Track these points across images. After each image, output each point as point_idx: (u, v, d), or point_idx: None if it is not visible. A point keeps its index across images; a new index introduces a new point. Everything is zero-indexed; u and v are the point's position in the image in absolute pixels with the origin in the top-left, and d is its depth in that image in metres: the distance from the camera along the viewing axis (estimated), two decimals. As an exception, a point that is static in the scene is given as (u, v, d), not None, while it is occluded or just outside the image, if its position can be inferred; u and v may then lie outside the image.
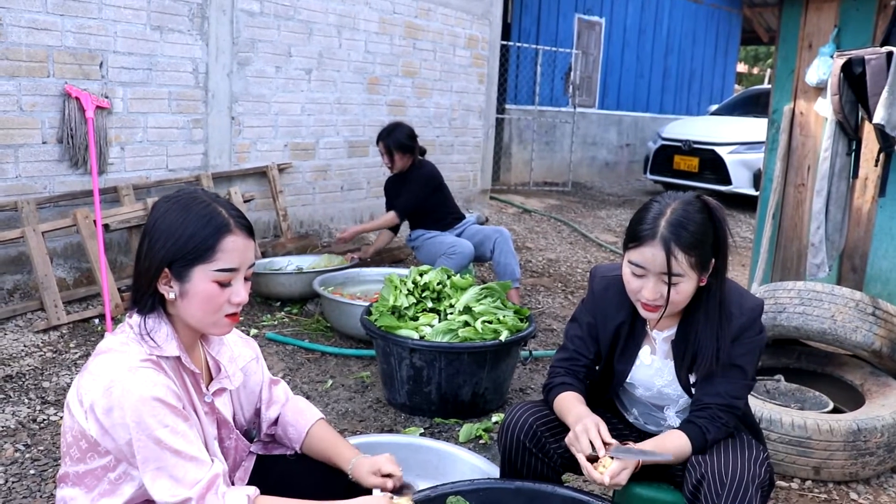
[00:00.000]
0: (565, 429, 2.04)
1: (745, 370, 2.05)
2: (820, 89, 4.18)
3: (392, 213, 5.37)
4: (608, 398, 2.35)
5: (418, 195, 5.31)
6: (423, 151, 5.47)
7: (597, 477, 1.85)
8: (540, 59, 11.26)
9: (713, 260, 1.98)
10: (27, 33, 4.69)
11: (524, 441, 2.13)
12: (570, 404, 2.09)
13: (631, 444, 1.96)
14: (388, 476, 1.82)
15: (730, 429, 2.05)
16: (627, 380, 2.22)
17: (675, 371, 2.13)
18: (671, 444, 1.99)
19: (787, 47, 4.44)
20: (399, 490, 1.82)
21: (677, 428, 2.06)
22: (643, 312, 2.03)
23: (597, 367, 2.28)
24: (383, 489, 1.79)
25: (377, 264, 5.92)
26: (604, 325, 2.20)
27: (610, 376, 2.26)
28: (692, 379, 2.11)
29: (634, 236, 1.96)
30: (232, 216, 1.65)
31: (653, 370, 2.18)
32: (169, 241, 1.60)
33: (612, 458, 1.88)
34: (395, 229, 5.59)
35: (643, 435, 2.31)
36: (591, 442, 1.90)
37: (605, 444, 1.91)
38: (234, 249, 1.63)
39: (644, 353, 2.19)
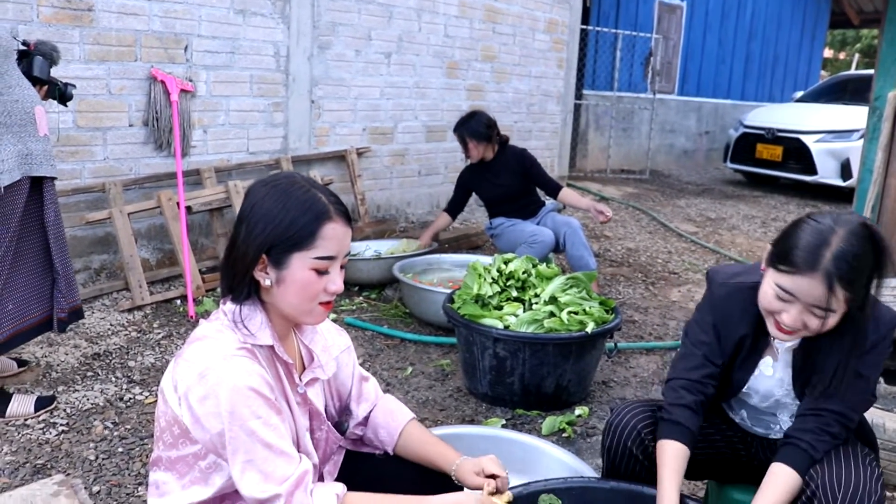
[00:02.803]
0: None
1: (870, 381, 1.88)
2: (930, 74, 3.95)
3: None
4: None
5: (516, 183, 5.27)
6: (505, 140, 5.35)
7: None
8: (619, 44, 11.01)
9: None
10: (117, 18, 4.76)
11: (630, 447, 2.03)
12: (664, 470, 1.90)
13: None
14: (493, 476, 1.75)
15: (839, 442, 1.87)
16: (744, 388, 2.09)
17: (792, 381, 2.00)
18: (781, 495, 1.82)
19: (895, 29, 4.19)
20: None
21: (778, 459, 1.87)
22: (774, 332, 1.87)
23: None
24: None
25: (454, 250, 5.86)
26: (726, 335, 2.04)
27: (725, 385, 2.11)
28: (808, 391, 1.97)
29: (790, 260, 1.76)
30: (331, 202, 1.59)
31: (773, 381, 2.04)
32: (268, 227, 1.55)
33: None
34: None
35: (748, 437, 2.18)
36: None
37: None
38: (334, 237, 1.58)
39: (765, 363, 2.04)
